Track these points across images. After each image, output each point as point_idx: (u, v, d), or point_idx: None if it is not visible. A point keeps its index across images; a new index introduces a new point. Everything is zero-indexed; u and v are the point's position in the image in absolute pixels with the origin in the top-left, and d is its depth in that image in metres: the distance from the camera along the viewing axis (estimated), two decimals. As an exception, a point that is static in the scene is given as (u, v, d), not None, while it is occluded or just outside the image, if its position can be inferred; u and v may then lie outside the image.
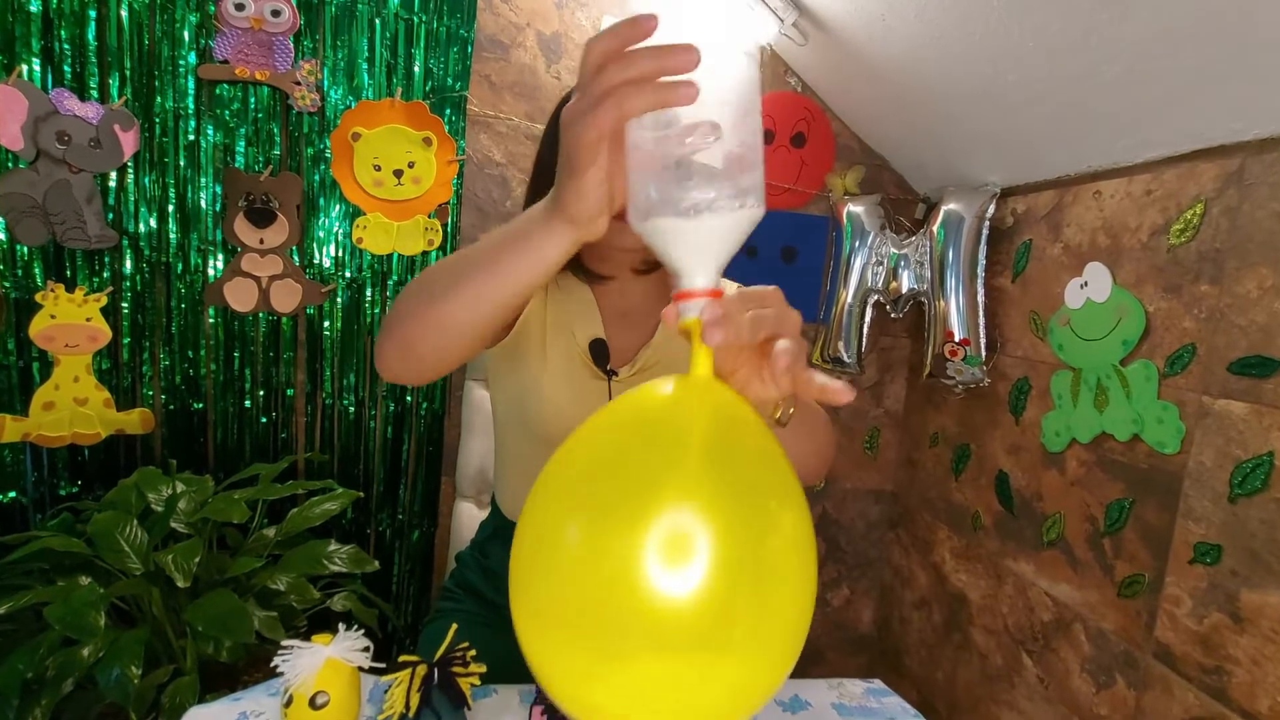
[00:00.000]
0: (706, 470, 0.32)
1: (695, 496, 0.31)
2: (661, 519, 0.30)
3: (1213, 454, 0.97)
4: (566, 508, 0.34)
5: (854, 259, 1.57)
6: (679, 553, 0.30)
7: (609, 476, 0.33)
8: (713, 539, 0.30)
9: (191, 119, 1.41)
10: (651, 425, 0.36)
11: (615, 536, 0.30)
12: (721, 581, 0.30)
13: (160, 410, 1.45)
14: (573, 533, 0.32)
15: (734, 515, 0.31)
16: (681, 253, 0.38)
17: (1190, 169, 1.02)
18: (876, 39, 1.28)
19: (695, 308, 0.38)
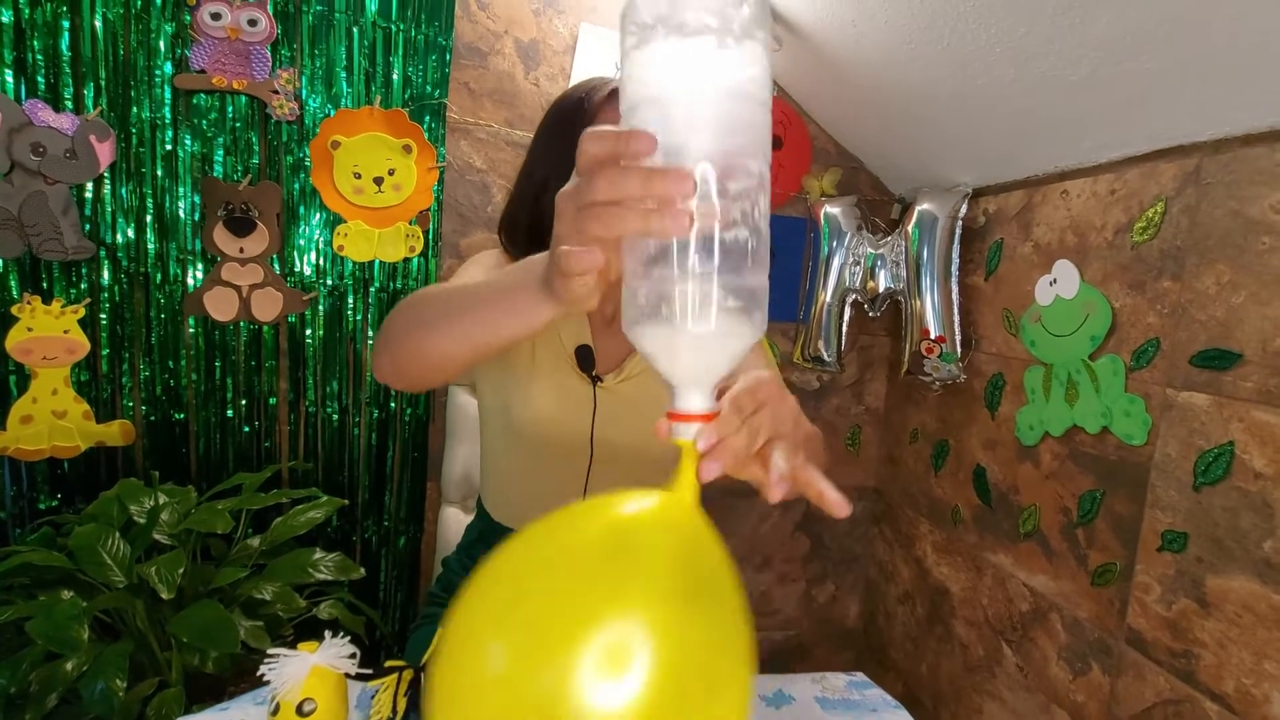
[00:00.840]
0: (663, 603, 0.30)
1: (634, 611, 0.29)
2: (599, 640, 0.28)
3: (1177, 445, 1.00)
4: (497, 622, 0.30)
5: (832, 259, 1.59)
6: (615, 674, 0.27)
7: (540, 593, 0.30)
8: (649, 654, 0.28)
9: (169, 129, 1.40)
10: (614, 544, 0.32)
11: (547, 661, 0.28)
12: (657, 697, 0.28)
13: (141, 422, 1.44)
14: (498, 652, 0.29)
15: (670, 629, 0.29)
16: (673, 370, 0.36)
17: (1151, 169, 1.05)
18: (848, 45, 1.31)
19: (689, 431, 0.36)
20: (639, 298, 0.35)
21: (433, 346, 0.53)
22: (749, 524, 1.80)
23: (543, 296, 0.44)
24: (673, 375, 0.36)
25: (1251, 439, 0.90)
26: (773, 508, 1.81)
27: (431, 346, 0.53)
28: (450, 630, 0.32)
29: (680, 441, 0.37)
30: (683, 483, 0.37)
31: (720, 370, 0.36)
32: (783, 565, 1.85)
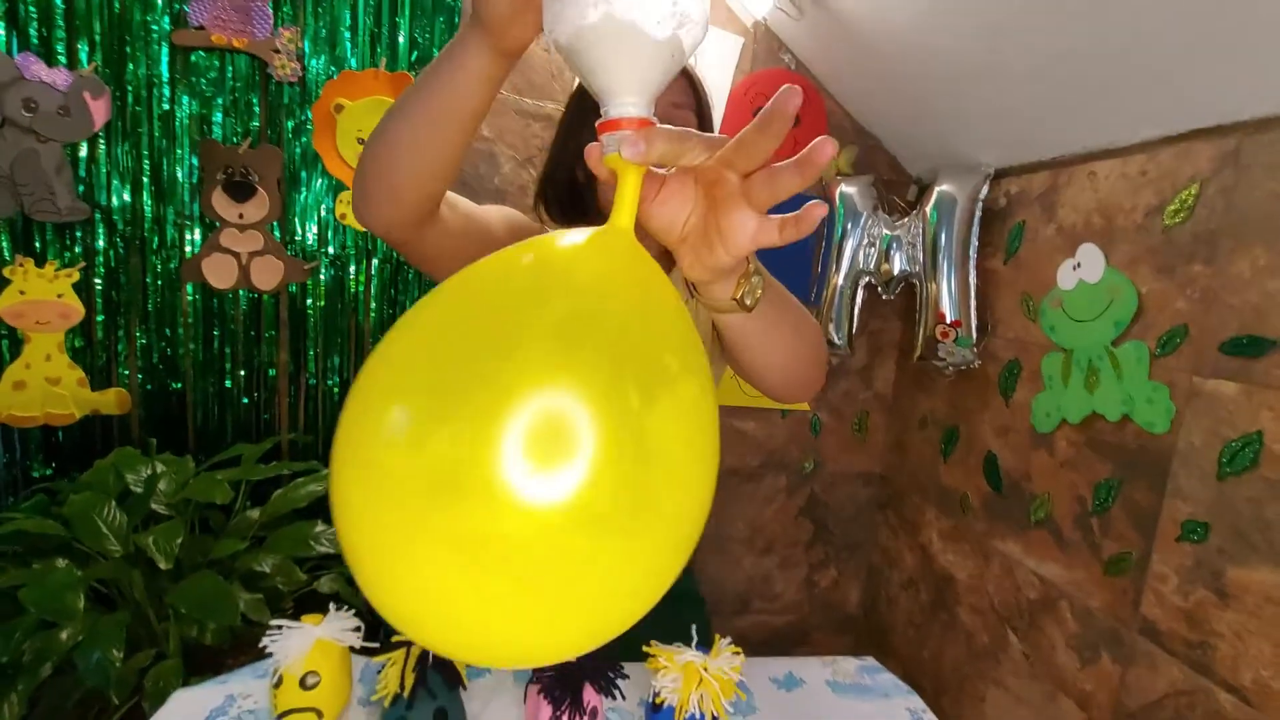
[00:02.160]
0: (573, 338, 0.25)
1: (557, 372, 0.24)
2: (517, 402, 0.23)
3: (1202, 434, 0.98)
4: (394, 386, 0.25)
5: (846, 240, 1.56)
6: (552, 441, 0.23)
7: (453, 342, 0.25)
8: (596, 423, 0.23)
9: (165, 87, 1.35)
10: (531, 280, 0.28)
11: (450, 421, 0.23)
12: (596, 478, 0.23)
13: (137, 390, 1.41)
14: (399, 419, 0.24)
15: (621, 395, 0.24)
16: (601, 69, 0.31)
17: (1186, 149, 1.02)
18: (874, 14, 1.26)
19: (618, 141, 0.30)
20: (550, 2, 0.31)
21: (393, 135, 0.50)
22: (753, 508, 1.79)
23: (473, 31, 0.42)
24: (600, 77, 0.32)
25: (1281, 428, 0.88)
26: (777, 492, 1.79)
27: (392, 136, 0.50)
28: (355, 385, 0.27)
29: (610, 159, 0.31)
30: (620, 208, 0.31)
31: (658, 70, 0.31)
32: (785, 550, 1.84)
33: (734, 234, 0.33)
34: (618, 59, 0.31)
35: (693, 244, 0.35)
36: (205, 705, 0.72)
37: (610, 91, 0.32)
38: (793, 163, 0.31)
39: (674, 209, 0.34)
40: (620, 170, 0.31)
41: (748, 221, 0.33)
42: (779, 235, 0.33)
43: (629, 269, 0.30)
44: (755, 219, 0.33)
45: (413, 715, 0.64)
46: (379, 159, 0.52)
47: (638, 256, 0.30)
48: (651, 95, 0.32)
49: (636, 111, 0.31)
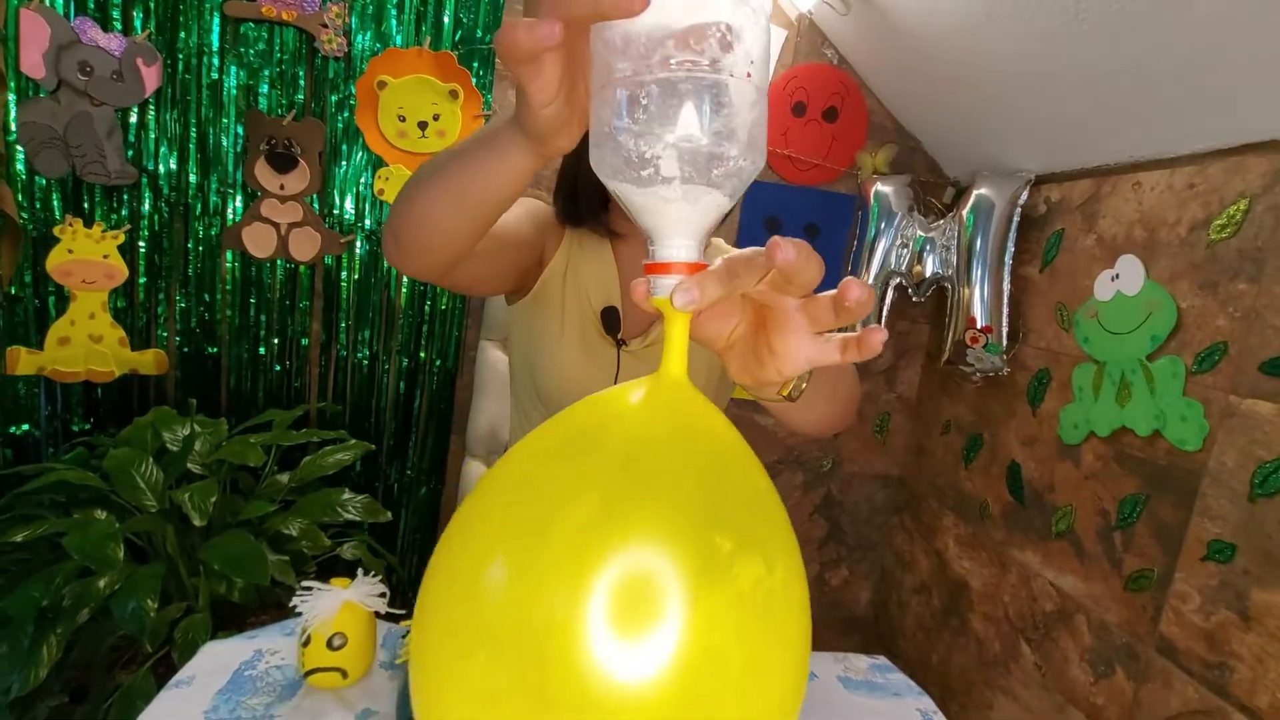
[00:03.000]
0: (683, 513, 0.24)
1: (666, 548, 0.23)
2: (620, 576, 0.23)
3: (1235, 453, 0.96)
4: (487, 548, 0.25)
5: (879, 240, 1.55)
6: (638, 624, 0.22)
7: (551, 509, 0.25)
8: (689, 608, 0.23)
9: (215, 57, 1.38)
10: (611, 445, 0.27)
11: (555, 589, 0.23)
12: (695, 664, 0.23)
13: (175, 352, 1.45)
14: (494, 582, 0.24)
15: (717, 574, 0.24)
16: (651, 216, 0.31)
17: (1238, 163, 1.00)
18: (924, 13, 1.25)
19: (669, 285, 0.30)
20: (603, 134, 0.30)
21: (427, 205, 0.51)
22: (768, 502, 1.79)
23: (516, 134, 0.41)
24: (648, 221, 0.31)
25: (1319, 453, 0.87)
26: (793, 488, 1.79)
27: (426, 205, 0.51)
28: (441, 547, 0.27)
29: (658, 301, 0.30)
30: (671, 357, 0.30)
31: (711, 214, 0.31)
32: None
33: (789, 356, 0.33)
34: (668, 208, 0.30)
35: (740, 353, 0.35)
36: (235, 658, 0.74)
37: (660, 233, 0.31)
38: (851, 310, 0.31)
39: (720, 323, 0.34)
40: (668, 315, 0.31)
41: (803, 344, 0.32)
42: (842, 355, 0.32)
43: (694, 422, 0.29)
44: (811, 341, 0.32)
45: (435, 680, 0.66)
46: (411, 219, 0.53)
47: (698, 405, 0.30)
48: (702, 239, 0.32)
49: (687, 255, 0.31)
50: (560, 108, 0.35)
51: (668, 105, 0.29)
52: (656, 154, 0.29)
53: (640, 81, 0.29)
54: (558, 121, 0.37)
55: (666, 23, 0.28)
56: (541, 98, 0.34)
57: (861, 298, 0.30)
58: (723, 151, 0.29)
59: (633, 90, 0.29)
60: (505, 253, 0.72)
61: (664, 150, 0.29)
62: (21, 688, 0.91)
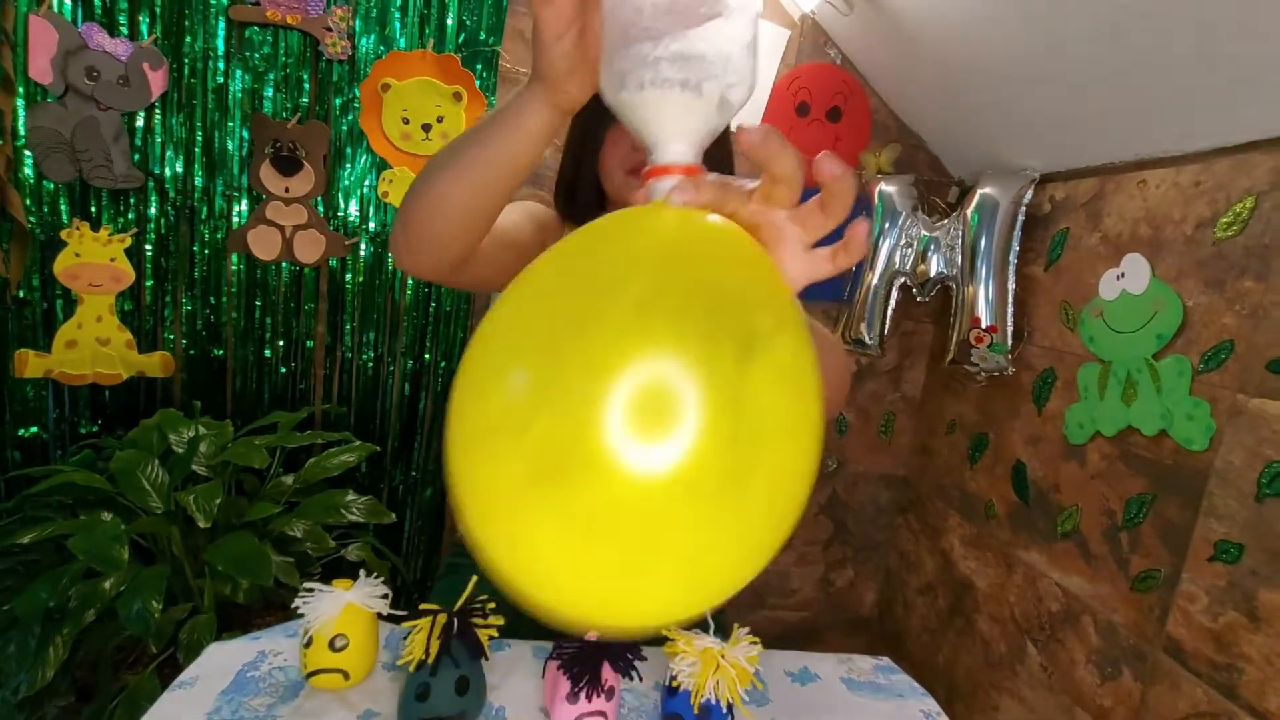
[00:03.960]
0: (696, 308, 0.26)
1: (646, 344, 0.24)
2: (611, 380, 0.24)
3: (1243, 453, 0.96)
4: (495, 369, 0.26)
5: (883, 240, 1.54)
6: (650, 413, 0.24)
7: (562, 315, 0.26)
8: (694, 391, 0.24)
9: (220, 61, 1.39)
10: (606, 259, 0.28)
11: (572, 386, 0.24)
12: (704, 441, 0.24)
13: (181, 355, 1.46)
14: (519, 380, 0.25)
15: (716, 360, 0.25)
16: (653, 123, 0.33)
17: (1243, 161, 0.99)
18: (927, 13, 1.24)
19: (666, 187, 0.31)
20: (613, 52, 0.33)
21: (443, 190, 0.51)
22: (772, 503, 1.79)
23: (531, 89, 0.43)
24: (648, 128, 0.33)
25: (1327, 452, 0.86)
26: (798, 489, 1.79)
27: (442, 190, 0.51)
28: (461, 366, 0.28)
29: (656, 204, 0.32)
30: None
31: (706, 121, 0.33)
32: (803, 547, 1.84)
33: (785, 275, 0.33)
34: (668, 116, 0.33)
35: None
36: (238, 659, 0.75)
37: (660, 140, 0.33)
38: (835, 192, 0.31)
39: None
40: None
41: (797, 259, 0.32)
42: (833, 264, 0.33)
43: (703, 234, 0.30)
44: (805, 256, 0.32)
45: (435, 682, 0.66)
46: (424, 212, 0.53)
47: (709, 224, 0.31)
48: (700, 146, 0.33)
49: (684, 159, 0.32)
50: (572, 45, 0.38)
51: (670, 15, 0.32)
52: (658, 57, 0.31)
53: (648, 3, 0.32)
54: (570, 60, 0.39)
55: None
56: (555, 28, 0.37)
57: (837, 171, 0.30)
58: (718, 63, 0.32)
59: (636, 5, 0.32)
60: (507, 253, 0.73)
61: (665, 54, 0.32)
62: (29, 687, 0.91)
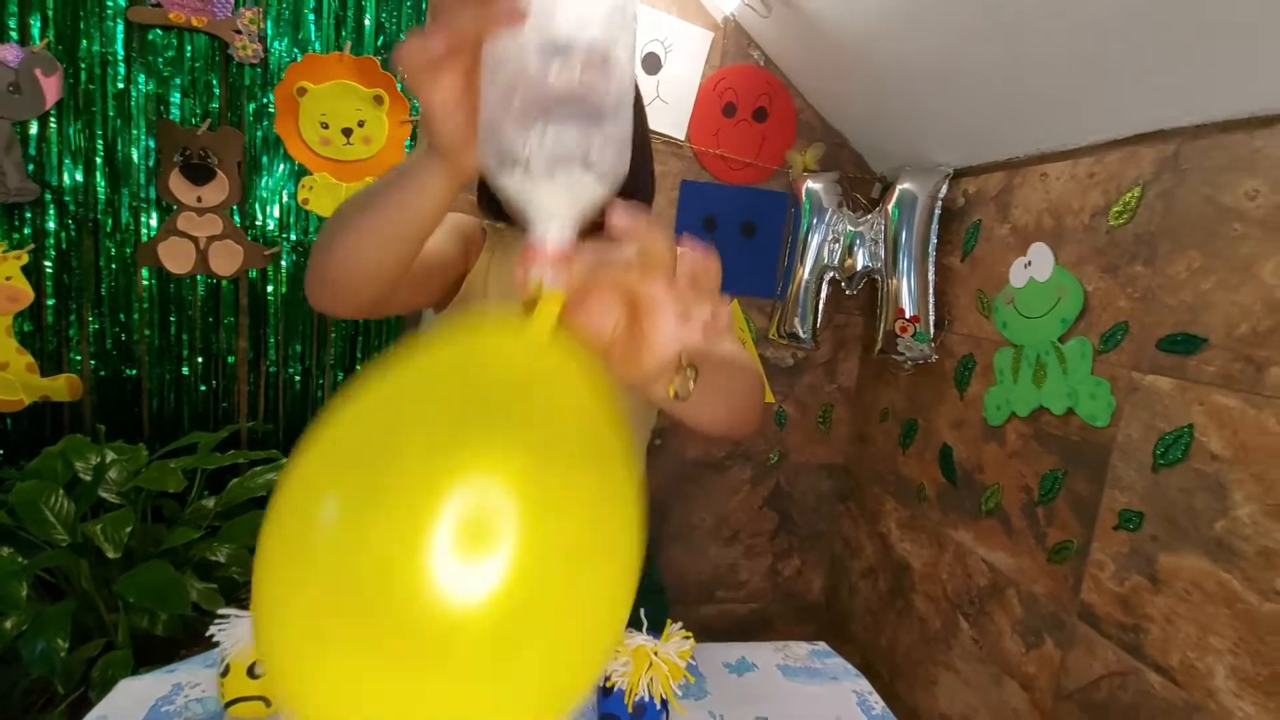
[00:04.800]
0: (506, 432, 0.26)
1: (496, 472, 0.24)
2: (451, 500, 0.23)
3: (1139, 427, 1.02)
4: (327, 478, 0.26)
5: (811, 236, 1.58)
6: (470, 545, 0.23)
7: (382, 438, 0.25)
8: (516, 528, 0.24)
9: (121, 65, 1.32)
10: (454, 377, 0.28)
11: (382, 517, 0.23)
12: (523, 583, 0.24)
13: (90, 377, 1.38)
14: (330, 510, 0.24)
15: (540, 489, 0.25)
16: (526, 205, 0.34)
17: (1131, 153, 1.06)
18: (841, 15, 1.28)
19: (542, 269, 0.33)
20: (486, 131, 0.34)
21: (352, 246, 0.52)
22: (718, 499, 1.81)
23: (430, 157, 0.43)
24: (524, 213, 0.34)
25: (1210, 422, 0.92)
26: (742, 482, 1.82)
27: (351, 246, 0.52)
28: (282, 482, 0.27)
29: (533, 284, 0.33)
30: (538, 323, 0.32)
31: (573, 207, 0.34)
32: (750, 539, 1.87)
33: (660, 339, 0.34)
34: (543, 202, 0.34)
35: (620, 350, 0.36)
36: (152, 694, 0.71)
37: (534, 221, 0.34)
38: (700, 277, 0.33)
39: (599, 318, 0.35)
40: (543, 294, 0.33)
41: (670, 325, 0.34)
42: (701, 337, 0.34)
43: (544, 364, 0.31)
44: (679, 323, 0.34)
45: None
46: (335, 265, 0.53)
47: (554, 352, 0.32)
48: (577, 225, 0.34)
49: (558, 240, 0.33)
50: (463, 121, 0.38)
51: (541, 107, 0.32)
52: (529, 148, 0.32)
53: (516, 84, 0.32)
54: (461, 134, 0.39)
55: (545, 35, 0.32)
56: (443, 109, 0.38)
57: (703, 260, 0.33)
58: (589, 148, 0.33)
59: (510, 91, 0.33)
60: (434, 275, 0.73)
61: (535, 145, 0.32)
62: (-78, 742, 0.85)
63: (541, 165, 0.33)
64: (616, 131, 0.34)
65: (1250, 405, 0.88)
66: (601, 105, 0.34)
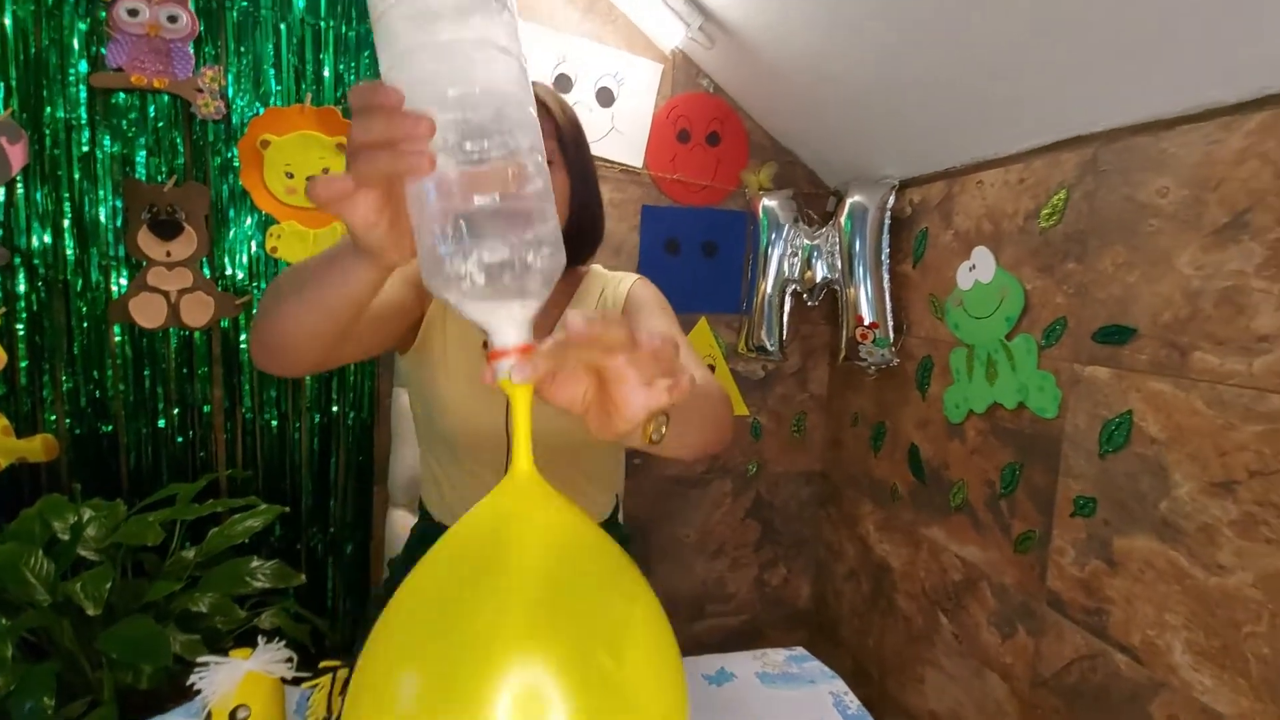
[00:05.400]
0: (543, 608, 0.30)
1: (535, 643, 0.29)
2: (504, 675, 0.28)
3: (1084, 416, 1.07)
4: (403, 660, 0.31)
5: (771, 251, 1.63)
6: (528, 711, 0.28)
7: (443, 627, 0.30)
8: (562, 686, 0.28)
9: (85, 129, 1.35)
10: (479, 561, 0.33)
11: (456, 695, 0.28)
12: None
13: (65, 435, 1.38)
14: (409, 689, 0.29)
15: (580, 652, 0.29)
16: (479, 316, 0.36)
17: (1055, 158, 1.12)
18: (776, 42, 1.35)
19: (506, 367, 0.35)
20: (424, 253, 0.36)
21: (290, 319, 0.54)
22: (701, 513, 1.84)
23: (355, 253, 0.45)
24: (479, 321, 0.37)
25: (1148, 407, 0.97)
26: (724, 496, 1.85)
27: (289, 319, 0.54)
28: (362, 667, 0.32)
29: (502, 381, 0.36)
30: (518, 449, 0.36)
31: (523, 311, 0.36)
32: (735, 551, 1.89)
33: (628, 406, 0.37)
34: (491, 315, 0.36)
35: (595, 414, 0.39)
36: (136, 746, 0.72)
37: (490, 329, 0.36)
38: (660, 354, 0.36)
39: (570, 390, 0.38)
40: (511, 392, 0.36)
41: (636, 393, 0.37)
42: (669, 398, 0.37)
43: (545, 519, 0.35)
44: (643, 389, 0.37)
45: (342, 735, 0.66)
46: (276, 334, 0.55)
47: (548, 498, 0.36)
48: (527, 323, 0.37)
49: (517, 340, 0.36)
50: (385, 231, 0.40)
51: (473, 233, 0.35)
52: (471, 271, 0.35)
53: (448, 217, 0.35)
54: (386, 242, 0.41)
55: (460, 164, 0.35)
56: (362, 228, 0.40)
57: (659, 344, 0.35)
58: (526, 259, 0.36)
59: (443, 224, 0.35)
60: (388, 323, 0.75)
61: (476, 268, 0.35)
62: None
63: (483, 281, 0.35)
64: (546, 230, 0.37)
65: (1179, 389, 0.93)
66: (528, 212, 0.36)
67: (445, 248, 0.35)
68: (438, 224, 0.35)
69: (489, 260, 0.35)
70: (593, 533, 0.36)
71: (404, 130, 0.34)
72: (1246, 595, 0.86)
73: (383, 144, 0.34)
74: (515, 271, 0.35)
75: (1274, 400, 0.82)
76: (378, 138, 0.34)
